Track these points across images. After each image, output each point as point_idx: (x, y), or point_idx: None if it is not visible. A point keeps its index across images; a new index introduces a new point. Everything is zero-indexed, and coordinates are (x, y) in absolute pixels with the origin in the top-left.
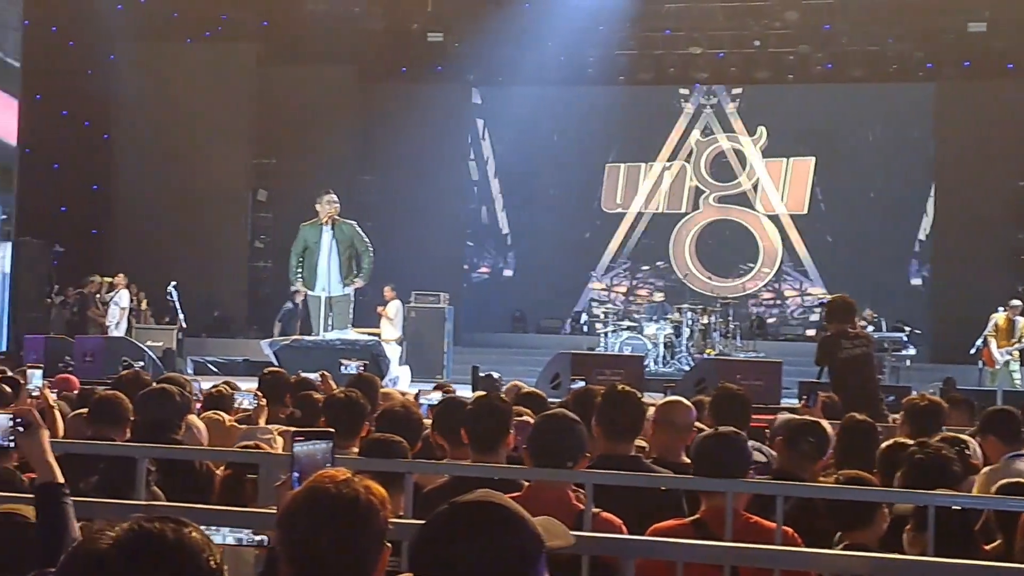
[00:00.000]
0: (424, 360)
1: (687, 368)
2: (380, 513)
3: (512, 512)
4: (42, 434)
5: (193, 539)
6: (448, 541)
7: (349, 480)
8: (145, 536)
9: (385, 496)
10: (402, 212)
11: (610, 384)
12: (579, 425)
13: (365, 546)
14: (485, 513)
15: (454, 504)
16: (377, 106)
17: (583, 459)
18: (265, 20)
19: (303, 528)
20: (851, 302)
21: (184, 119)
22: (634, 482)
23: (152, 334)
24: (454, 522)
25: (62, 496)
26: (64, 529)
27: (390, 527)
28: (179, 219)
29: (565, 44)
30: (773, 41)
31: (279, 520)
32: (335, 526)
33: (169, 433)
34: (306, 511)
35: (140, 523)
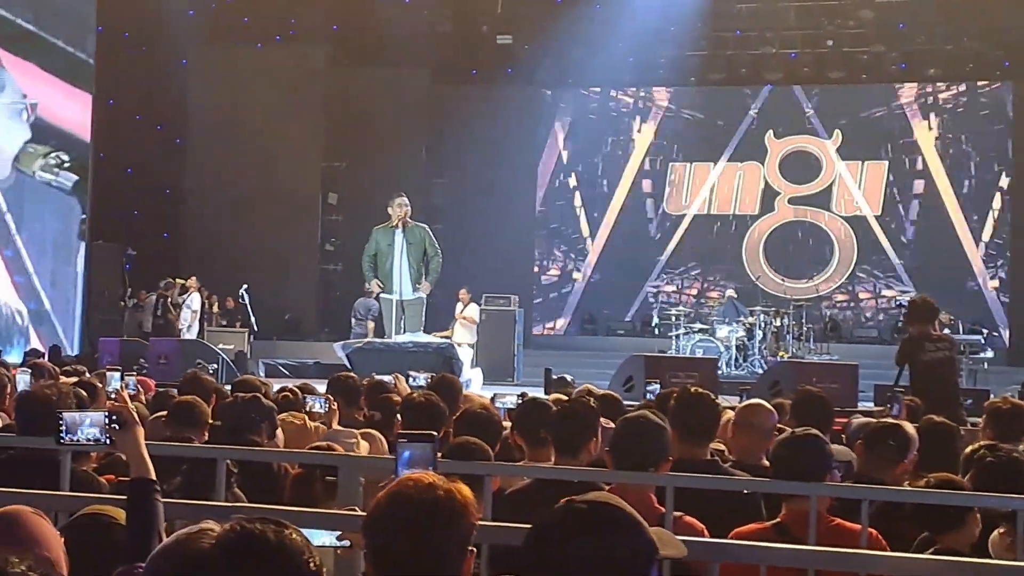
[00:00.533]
0: (494, 362)
1: (760, 371)
2: (465, 516)
3: (629, 516)
4: (137, 431)
5: (294, 540)
6: (563, 541)
7: (434, 483)
8: (247, 537)
9: (472, 499)
10: (472, 215)
11: (683, 386)
12: (663, 429)
13: (447, 549)
14: (602, 514)
15: (571, 503)
16: (447, 109)
17: (665, 463)
18: (335, 24)
19: (386, 530)
20: (933, 304)
21: (255, 123)
22: (716, 485)
23: (223, 337)
24: (570, 521)
25: (154, 492)
26: (153, 525)
27: (476, 529)
28: (250, 223)
29: (635, 45)
30: (847, 40)
31: (364, 522)
32: (417, 529)
33: (249, 435)
34: (389, 513)
35: (242, 523)
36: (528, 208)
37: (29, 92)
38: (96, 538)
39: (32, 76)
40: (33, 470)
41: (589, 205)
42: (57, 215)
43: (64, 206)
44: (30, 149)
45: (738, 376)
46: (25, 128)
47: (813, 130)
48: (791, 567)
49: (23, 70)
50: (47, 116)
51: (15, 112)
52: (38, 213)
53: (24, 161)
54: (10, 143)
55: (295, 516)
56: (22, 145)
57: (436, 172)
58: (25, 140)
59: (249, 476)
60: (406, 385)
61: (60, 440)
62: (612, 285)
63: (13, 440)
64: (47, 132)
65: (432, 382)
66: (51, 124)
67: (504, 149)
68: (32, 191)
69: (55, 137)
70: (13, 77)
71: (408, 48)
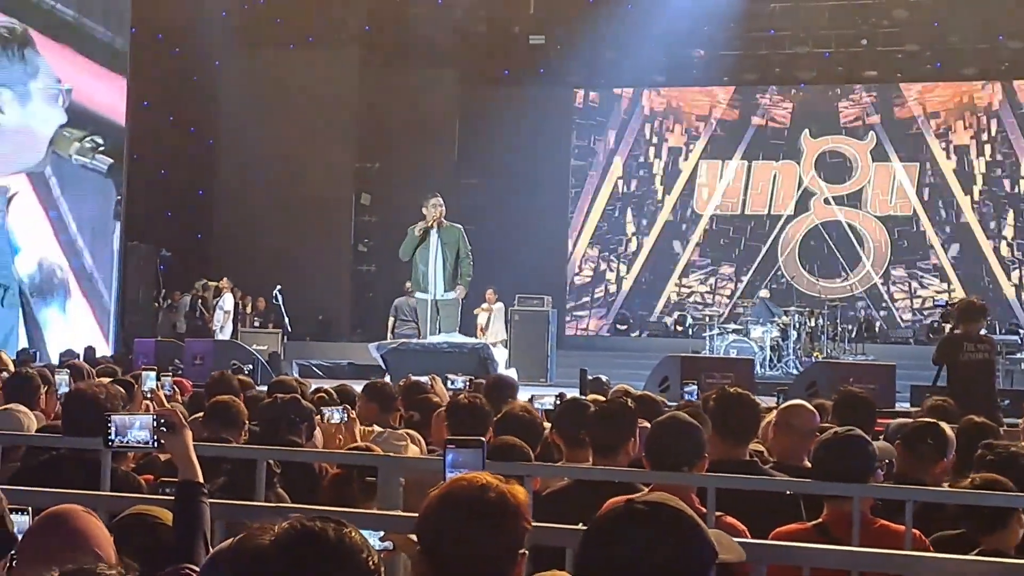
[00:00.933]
0: (527, 363)
1: (795, 371)
2: (518, 518)
3: (689, 518)
4: (185, 434)
5: (353, 539)
6: (622, 541)
7: (487, 484)
8: (308, 534)
9: (525, 501)
10: (504, 215)
11: (721, 387)
12: (696, 428)
13: (499, 551)
14: (662, 515)
15: (631, 503)
16: (478, 109)
17: (701, 461)
18: (367, 25)
19: (438, 531)
20: (984, 305)
21: (288, 124)
22: (758, 486)
23: (257, 337)
24: (630, 522)
25: (202, 495)
26: (199, 527)
27: (528, 532)
28: (283, 223)
29: (668, 45)
30: (880, 39)
31: (417, 522)
32: (469, 529)
33: (289, 435)
34: (442, 513)
35: (302, 521)
36: (560, 208)
37: (64, 76)
38: (142, 538)
39: (67, 60)
40: (76, 469)
41: (621, 205)
42: (94, 197)
43: (100, 188)
44: (66, 133)
45: (773, 377)
46: (60, 112)
47: (847, 130)
48: (835, 569)
49: (59, 54)
50: (82, 101)
51: (50, 97)
52: (75, 195)
53: (60, 144)
54: (46, 127)
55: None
56: (58, 129)
57: (468, 172)
58: (61, 124)
59: (290, 476)
60: (442, 387)
61: (108, 442)
62: (645, 285)
63: (60, 440)
64: (82, 116)
65: (491, 380)
66: (87, 108)
67: (535, 149)
68: (69, 174)
69: (90, 121)
70: (48, 63)
71: (440, 49)
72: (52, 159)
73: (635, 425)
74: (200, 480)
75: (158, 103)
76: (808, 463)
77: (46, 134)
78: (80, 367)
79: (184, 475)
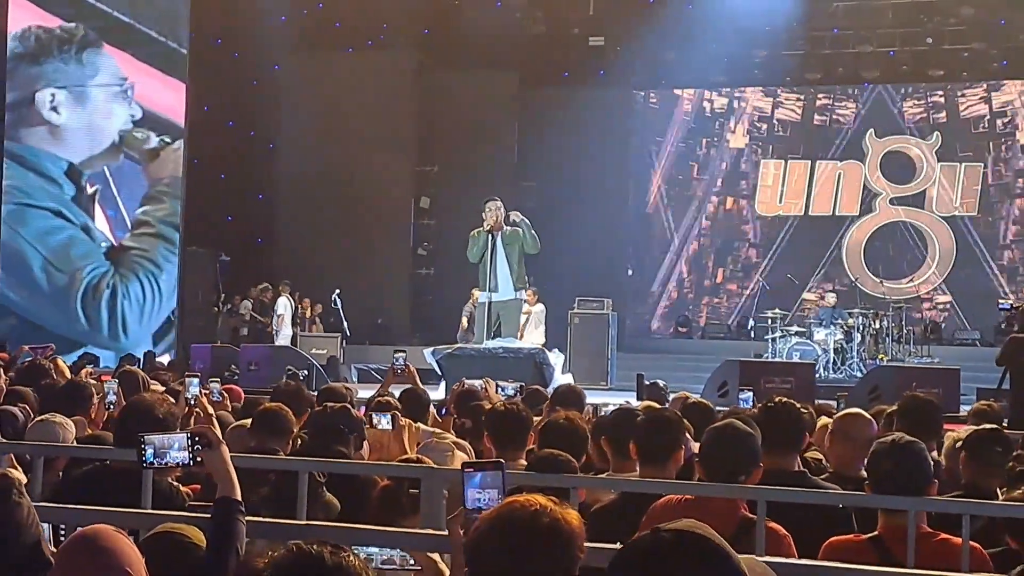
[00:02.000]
0: (587, 366)
1: (858, 374)
2: (570, 544)
3: (718, 547)
4: (222, 450)
5: (351, 563)
6: (648, 571)
7: (541, 508)
8: (304, 559)
9: (579, 527)
10: (564, 217)
11: (769, 396)
12: (752, 436)
13: (552, 574)
14: (690, 544)
15: (657, 532)
16: (538, 111)
17: (756, 471)
18: (426, 28)
19: (489, 553)
20: None
21: (347, 128)
22: (807, 499)
23: (316, 342)
24: (657, 551)
25: (238, 512)
26: (232, 546)
27: (581, 559)
28: (342, 227)
29: (729, 46)
30: (946, 38)
31: (467, 543)
32: (520, 554)
33: (337, 446)
34: (493, 536)
35: (298, 545)
36: (620, 210)
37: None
38: (169, 557)
39: (126, 64)
40: (121, 480)
41: (683, 207)
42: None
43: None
44: (137, 133)
45: (836, 380)
46: (126, 110)
47: (911, 130)
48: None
49: (120, 59)
50: (145, 102)
51: (116, 95)
52: (137, 193)
53: (128, 142)
54: (113, 124)
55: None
56: (125, 127)
57: (527, 175)
58: (127, 121)
59: (337, 487)
60: (495, 392)
61: (144, 463)
62: (707, 288)
63: (102, 452)
64: (146, 117)
65: (561, 389)
66: (149, 109)
67: (596, 151)
68: (128, 174)
69: (153, 121)
70: (113, 60)
71: (499, 51)
72: (111, 158)
73: (683, 434)
74: (238, 497)
75: (218, 107)
76: (864, 473)
77: (114, 132)
78: (133, 375)
79: (222, 491)
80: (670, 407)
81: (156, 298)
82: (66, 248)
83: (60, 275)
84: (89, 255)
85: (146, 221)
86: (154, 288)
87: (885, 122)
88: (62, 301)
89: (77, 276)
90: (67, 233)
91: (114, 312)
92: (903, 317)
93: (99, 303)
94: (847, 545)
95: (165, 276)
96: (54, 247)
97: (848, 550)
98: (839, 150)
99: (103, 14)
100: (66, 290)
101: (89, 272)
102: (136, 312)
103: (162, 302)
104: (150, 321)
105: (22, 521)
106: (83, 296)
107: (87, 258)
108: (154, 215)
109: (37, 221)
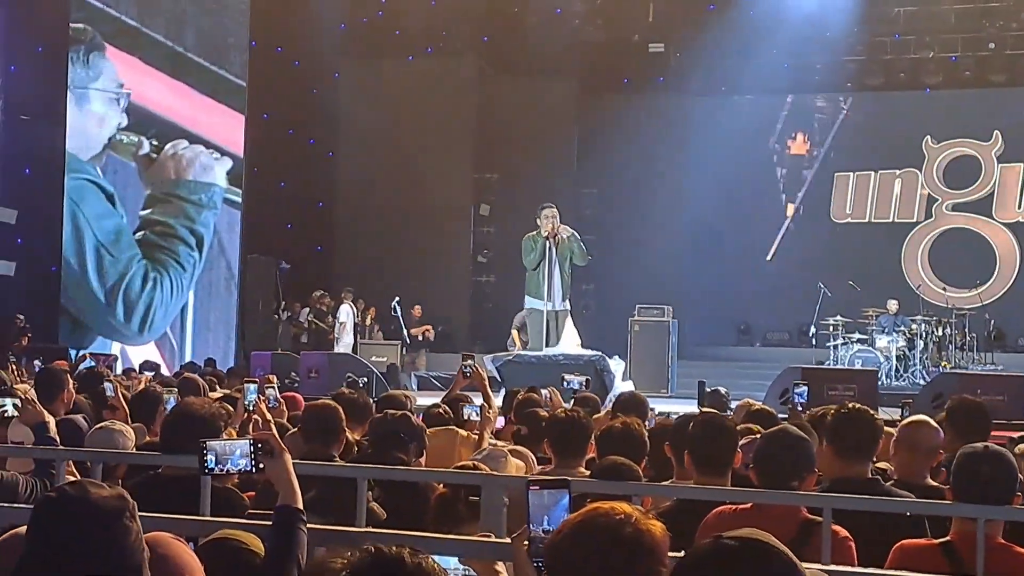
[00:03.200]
0: (648, 374)
1: (921, 382)
2: (652, 556)
3: (782, 554)
4: (285, 458)
5: (430, 565)
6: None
7: (625, 517)
8: (382, 560)
9: (662, 538)
10: (624, 224)
11: (842, 402)
12: (806, 442)
13: None
14: (753, 552)
15: (719, 540)
16: (598, 118)
17: (811, 475)
18: (485, 35)
19: (570, 562)
20: None
21: (406, 135)
22: (872, 507)
23: (376, 349)
24: (719, 559)
25: (300, 521)
26: (292, 554)
27: (664, 570)
28: (402, 235)
29: (790, 52)
30: (1008, 43)
31: (547, 549)
32: (602, 564)
33: (396, 453)
34: (574, 544)
35: (376, 546)
36: (680, 217)
37: (188, 114)
38: (227, 563)
39: (188, 98)
40: (176, 488)
41: (743, 214)
42: (226, 227)
43: (231, 219)
44: (126, 139)
45: (898, 388)
46: (117, 116)
47: (973, 135)
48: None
49: (180, 92)
50: (207, 134)
51: (111, 100)
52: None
53: (117, 148)
54: (105, 131)
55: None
56: (115, 133)
57: (587, 182)
58: (117, 127)
59: (394, 494)
60: (561, 399)
61: (206, 470)
62: (768, 295)
63: (159, 459)
64: (199, 138)
65: (620, 400)
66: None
67: (655, 158)
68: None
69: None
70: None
71: (558, 58)
72: (97, 162)
73: (737, 440)
74: (299, 506)
75: (277, 116)
76: (930, 480)
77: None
78: (193, 382)
79: (283, 500)
80: (734, 415)
81: (178, 297)
82: (118, 235)
83: (110, 259)
84: (131, 246)
85: (159, 221)
86: (176, 286)
87: (947, 127)
88: (106, 289)
89: (128, 267)
90: (115, 220)
91: (149, 308)
92: (966, 324)
93: (139, 297)
94: (918, 549)
95: (186, 276)
96: (108, 232)
97: (919, 555)
98: (900, 156)
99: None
100: (115, 279)
101: (136, 263)
102: (163, 310)
103: (178, 302)
104: (166, 321)
105: (129, 545)
106: (126, 288)
107: (132, 248)
108: (165, 216)
109: (95, 202)
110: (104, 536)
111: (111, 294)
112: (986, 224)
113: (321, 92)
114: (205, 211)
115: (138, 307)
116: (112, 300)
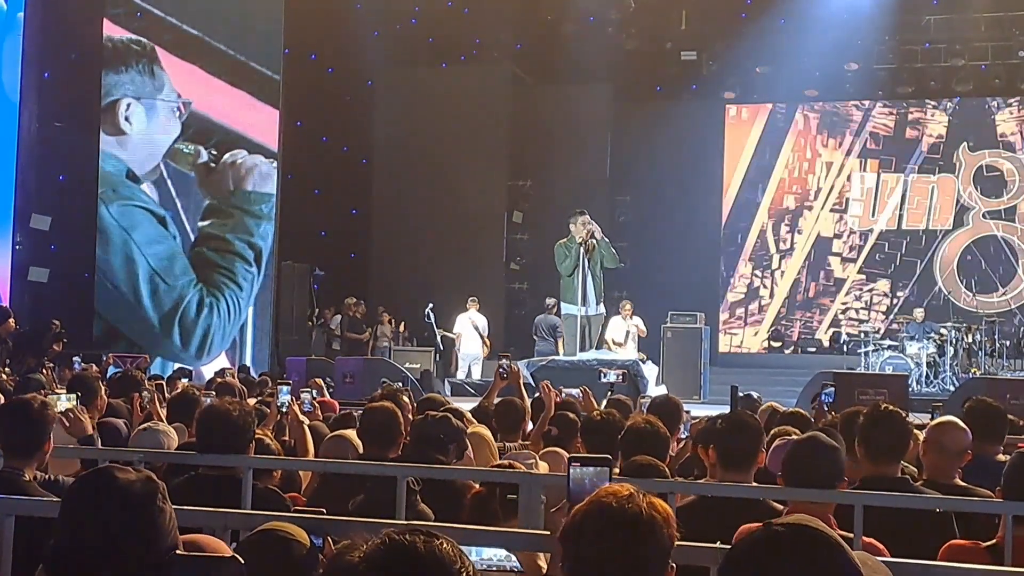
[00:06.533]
0: (681, 380)
1: (951, 388)
2: (665, 529)
3: (831, 538)
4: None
5: (445, 551)
6: (762, 566)
7: (633, 495)
8: (395, 548)
9: (670, 513)
10: (657, 232)
11: (873, 403)
12: (835, 451)
13: (648, 563)
14: (803, 537)
15: (769, 526)
16: (632, 125)
17: (840, 484)
18: (519, 43)
19: (587, 542)
20: None
21: (440, 142)
22: (903, 503)
23: (410, 356)
24: (770, 545)
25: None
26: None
27: (674, 542)
28: (436, 242)
29: (821, 59)
30: None
31: (562, 535)
32: (619, 541)
33: (436, 454)
34: (590, 525)
35: (390, 535)
36: (713, 224)
37: (228, 110)
38: (271, 552)
39: (224, 93)
40: (215, 487)
41: (774, 221)
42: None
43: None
44: (185, 148)
45: (929, 393)
46: (178, 126)
47: (1004, 143)
48: None
49: (214, 88)
50: (243, 129)
51: (172, 110)
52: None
53: (176, 157)
54: (166, 140)
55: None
56: (175, 142)
57: (620, 189)
58: (176, 138)
59: (433, 495)
60: (592, 401)
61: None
62: (799, 301)
63: (196, 459)
64: (237, 137)
65: (655, 403)
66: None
67: (688, 166)
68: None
69: (243, 141)
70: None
71: (592, 65)
72: (154, 174)
73: (761, 438)
74: None
75: (311, 122)
76: (959, 481)
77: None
78: (230, 386)
79: None
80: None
81: (236, 318)
82: (171, 260)
83: (165, 286)
84: (186, 270)
85: (216, 235)
86: (233, 307)
87: (977, 135)
88: (161, 315)
89: (183, 293)
90: (167, 244)
91: (206, 333)
92: (996, 330)
93: (195, 323)
94: (966, 550)
95: (243, 295)
96: (161, 257)
97: (967, 556)
98: (932, 164)
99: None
100: (170, 306)
101: (192, 288)
102: (220, 334)
103: (236, 322)
104: (224, 343)
105: (162, 527)
106: (181, 315)
107: (186, 273)
108: (223, 229)
109: (146, 227)
110: (139, 517)
111: (166, 321)
112: (1017, 232)
113: (354, 99)
114: (264, 223)
115: (196, 332)
116: (168, 328)
